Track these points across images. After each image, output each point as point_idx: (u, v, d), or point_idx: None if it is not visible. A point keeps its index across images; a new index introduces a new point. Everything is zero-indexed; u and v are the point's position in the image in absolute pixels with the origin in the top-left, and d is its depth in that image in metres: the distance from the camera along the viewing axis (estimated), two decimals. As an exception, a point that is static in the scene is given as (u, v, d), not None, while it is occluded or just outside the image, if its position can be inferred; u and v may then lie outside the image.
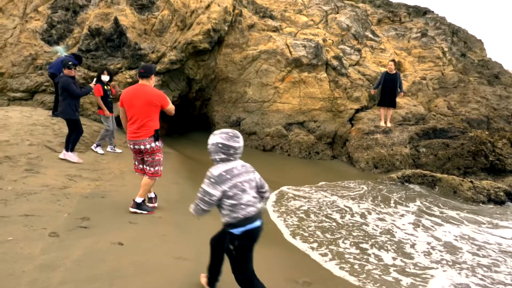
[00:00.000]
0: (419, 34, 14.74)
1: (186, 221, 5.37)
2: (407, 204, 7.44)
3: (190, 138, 12.52)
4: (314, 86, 11.43)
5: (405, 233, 5.99)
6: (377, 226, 6.21)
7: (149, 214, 5.25)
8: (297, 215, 6.48)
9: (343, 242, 5.53)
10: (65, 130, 8.66)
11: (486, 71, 14.32)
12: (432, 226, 6.34)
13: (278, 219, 6.28)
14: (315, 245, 5.34)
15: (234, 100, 11.91)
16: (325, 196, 7.60)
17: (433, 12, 16.85)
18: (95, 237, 4.24)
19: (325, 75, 11.59)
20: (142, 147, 5.03)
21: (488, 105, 12.46)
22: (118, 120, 7.54)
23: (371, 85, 11.84)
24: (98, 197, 5.62)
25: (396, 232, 6.01)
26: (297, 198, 7.42)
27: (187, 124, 13.85)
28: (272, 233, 5.68)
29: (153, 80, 5.15)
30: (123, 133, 9.46)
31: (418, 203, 7.54)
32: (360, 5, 15.85)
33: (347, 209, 6.92)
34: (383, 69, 12.36)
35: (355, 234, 5.85)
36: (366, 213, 6.78)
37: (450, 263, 5.04)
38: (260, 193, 3.29)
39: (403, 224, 6.35)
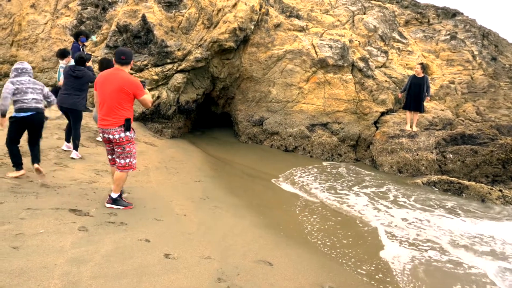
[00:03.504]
0: (448, 37, 14.37)
1: (211, 220, 5.39)
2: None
3: (212, 136, 12.58)
4: (339, 88, 11.29)
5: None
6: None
7: (127, 209, 4.97)
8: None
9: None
10: (91, 124, 8.85)
11: (517, 76, 13.83)
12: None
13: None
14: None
15: (257, 99, 11.88)
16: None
17: (462, 14, 16.39)
18: (123, 233, 4.30)
19: (350, 76, 11.43)
20: (111, 136, 4.71)
21: (519, 112, 12.03)
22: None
23: (397, 88, 11.61)
24: (125, 192, 5.68)
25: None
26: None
27: (210, 122, 13.93)
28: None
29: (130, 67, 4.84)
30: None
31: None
32: (388, 5, 15.55)
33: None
34: (410, 72, 12.11)
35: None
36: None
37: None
38: (46, 99, 5.48)
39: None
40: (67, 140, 7.02)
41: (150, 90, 10.70)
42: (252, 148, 11.35)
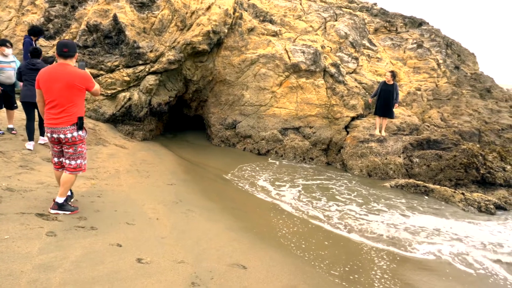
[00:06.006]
0: (415, 45, 14.93)
1: (184, 224, 5.34)
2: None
3: (184, 139, 12.45)
4: (311, 92, 11.48)
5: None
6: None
7: (74, 214, 4.67)
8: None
9: (339, 250, 5.53)
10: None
11: (478, 84, 14.56)
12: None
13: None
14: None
15: (230, 103, 11.88)
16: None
17: (428, 23, 17.09)
18: (93, 238, 4.19)
19: (322, 81, 11.65)
20: (62, 136, 4.41)
21: (480, 118, 12.65)
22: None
23: (367, 93, 11.94)
24: (94, 196, 5.55)
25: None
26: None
27: (182, 125, 13.79)
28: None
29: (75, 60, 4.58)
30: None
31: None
32: (358, 13, 15.98)
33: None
34: (379, 78, 12.49)
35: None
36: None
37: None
38: None
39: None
40: (42, 134, 7.24)
41: (121, 91, 10.50)
42: (225, 151, 11.32)
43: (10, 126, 7.50)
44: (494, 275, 5.21)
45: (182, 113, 13.25)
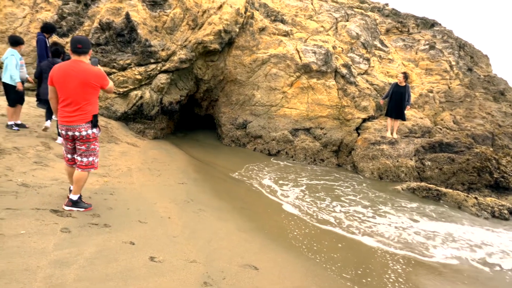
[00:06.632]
0: (427, 46, 14.79)
1: (195, 223, 5.34)
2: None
3: (195, 138, 12.48)
4: (323, 93, 11.43)
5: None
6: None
7: (87, 211, 4.69)
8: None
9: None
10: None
11: (492, 87, 14.37)
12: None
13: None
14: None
15: (241, 103, 11.88)
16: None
17: (440, 24, 16.93)
18: (106, 235, 4.20)
19: (333, 82, 11.59)
20: (76, 133, 4.41)
21: (493, 122, 12.50)
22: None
23: (378, 95, 11.85)
24: (107, 193, 5.57)
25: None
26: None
27: (192, 124, 13.83)
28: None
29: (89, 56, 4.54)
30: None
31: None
32: (370, 13, 15.88)
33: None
34: (391, 80, 12.39)
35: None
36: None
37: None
38: None
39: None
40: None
41: (133, 89, 10.55)
42: (235, 151, 11.33)
43: (18, 122, 7.56)
44: None
45: (192, 112, 13.28)
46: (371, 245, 5.89)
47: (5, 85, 7.33)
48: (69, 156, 4.68)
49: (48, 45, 8.95)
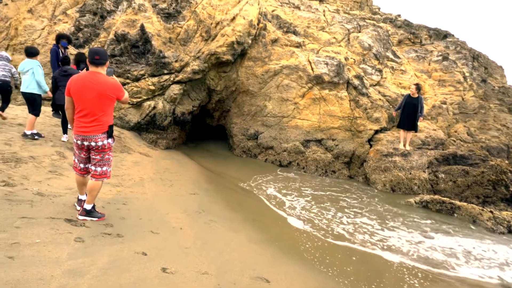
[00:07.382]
0: (440, 58, 14.69)
1: (207, 234, 5.34)
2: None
3: (207, 148, 12.54)
4: (334, 104, 11.41)
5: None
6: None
7: (100, 220, 4.73)
8: (315, 235, 6.40)
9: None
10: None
11: (507, 98, 14.17)
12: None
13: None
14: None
15: (253, 113, 11.93)
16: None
17: (453, 35, 16.83)
18: (119, 245, 4.23)
19: (346, 93, 11.57)
20: (92, 143, 4.47)
21: (508, 134, 12.29)
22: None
23: (391, 106, 11.78)
24: (120, 203, 5.62)
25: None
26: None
27: (204, 134, 13.90)
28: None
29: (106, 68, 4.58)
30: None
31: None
32: (382, 24, 15.88)
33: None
34: (403, 91, 12.32)
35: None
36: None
37: None
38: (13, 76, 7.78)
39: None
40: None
41: (146, 100, 10.69)
42: (246, 162, 11.34)
43: (35, 131, 7.63)
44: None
45: (204, 122, 13.37)
46: (387, 258, 5.80)
47: (30, 95, 7.49)
48: (81, 165, 4.71)
49: (60, 55, 9.21)
